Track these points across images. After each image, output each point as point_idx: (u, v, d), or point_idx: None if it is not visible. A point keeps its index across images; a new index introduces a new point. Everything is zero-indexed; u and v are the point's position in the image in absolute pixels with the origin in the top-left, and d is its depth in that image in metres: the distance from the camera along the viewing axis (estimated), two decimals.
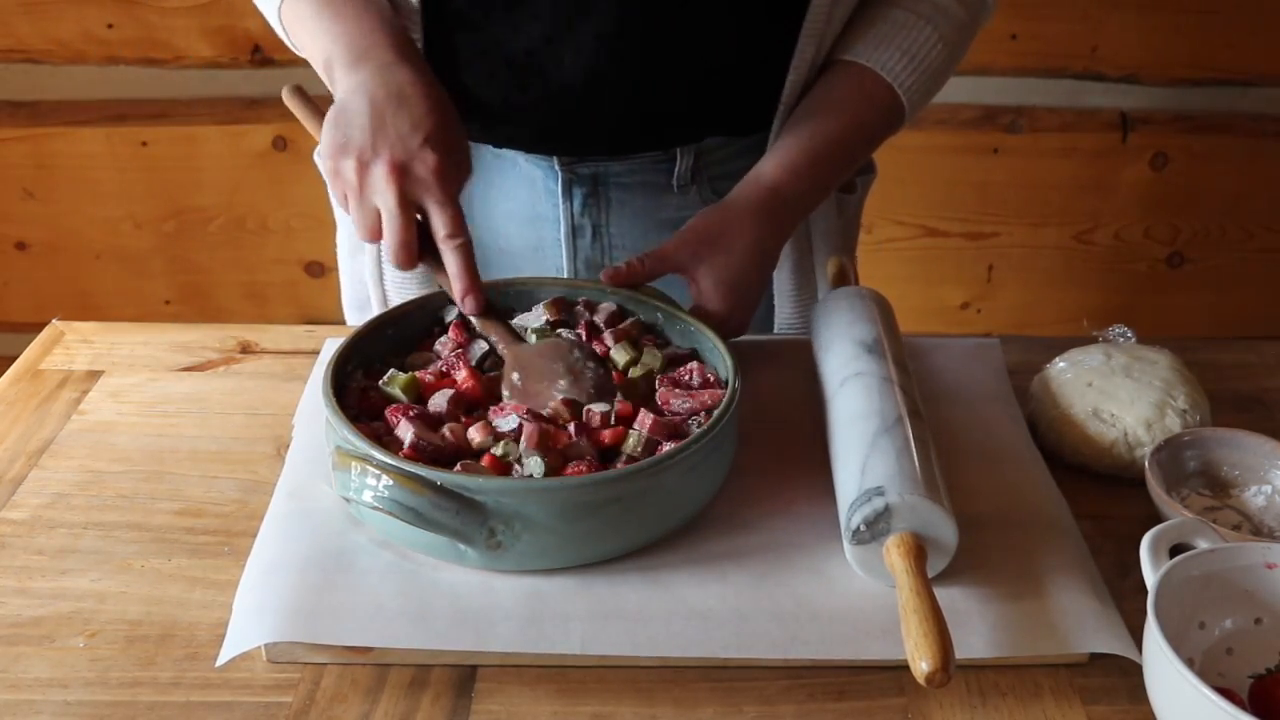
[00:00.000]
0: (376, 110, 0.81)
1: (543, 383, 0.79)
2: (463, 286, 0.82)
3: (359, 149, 0.81)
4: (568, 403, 0.78)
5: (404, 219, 0.81)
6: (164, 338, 1.03)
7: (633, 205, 1.05)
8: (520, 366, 0.81)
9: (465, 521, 0.70)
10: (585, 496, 0.72)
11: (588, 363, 0.81)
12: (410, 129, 0.81)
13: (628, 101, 0.98)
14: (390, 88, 0.82)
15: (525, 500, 0.71)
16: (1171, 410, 0.85)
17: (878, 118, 0.98)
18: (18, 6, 1.91)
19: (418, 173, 0.80)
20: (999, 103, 1.99)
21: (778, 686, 0.69)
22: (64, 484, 0.85)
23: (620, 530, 0.74)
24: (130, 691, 0.68)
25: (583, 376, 0.79)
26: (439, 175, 0.81)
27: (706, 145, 1.03)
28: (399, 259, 0.82)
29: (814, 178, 0.95)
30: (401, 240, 0.81)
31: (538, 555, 0.73)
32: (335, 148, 0.81)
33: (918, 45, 0.96)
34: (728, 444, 0.79)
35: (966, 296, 2.19)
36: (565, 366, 0.80)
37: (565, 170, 1.03)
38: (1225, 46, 1.95)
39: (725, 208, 0.92)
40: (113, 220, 2.09)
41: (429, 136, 0.81)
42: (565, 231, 1.06)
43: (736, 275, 0.90)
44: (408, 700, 0.68)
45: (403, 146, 0.80)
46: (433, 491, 0.70)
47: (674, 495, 0.75)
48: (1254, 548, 0.69)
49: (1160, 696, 0.63)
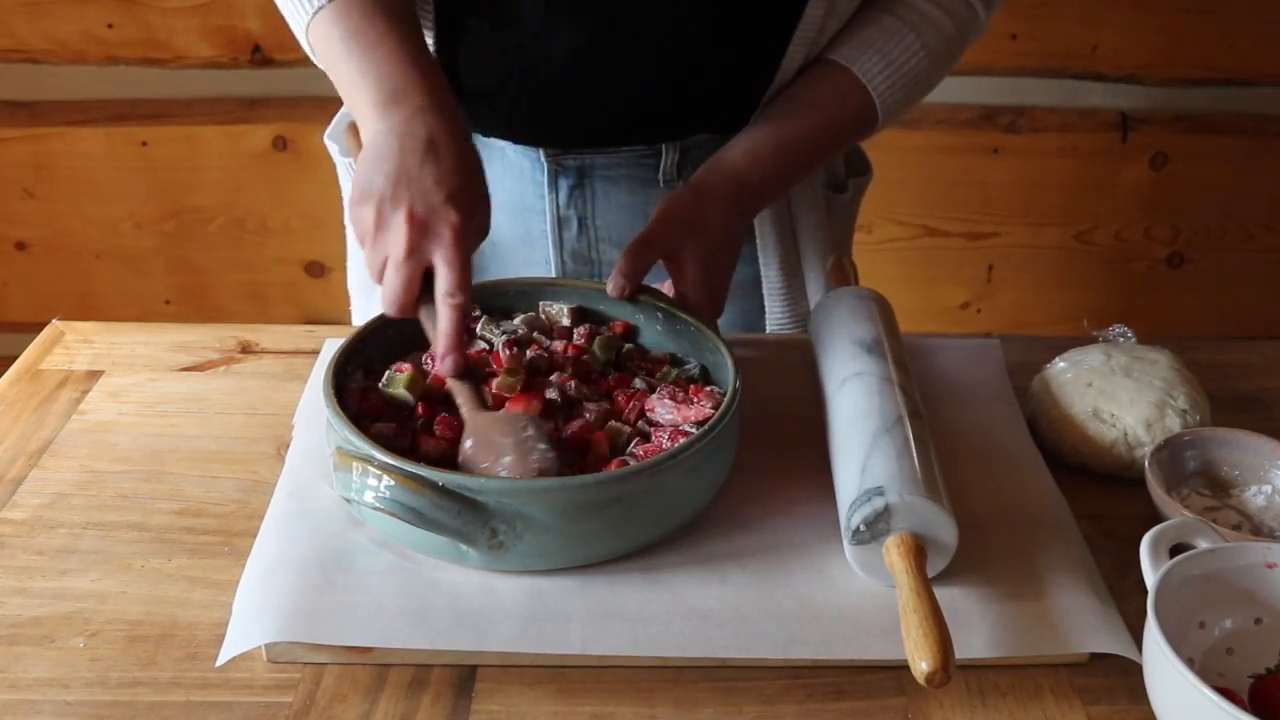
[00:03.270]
0: (404, 159, 0.79)
1: (490, 456, 0.76)
2: (446, 346, 0.80)
3: (379, 196, 0.79)
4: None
5: (407, 274, 0.79)
6: (164, 338, 1.03)
7: (618, 198, 1.06)
8: (475, 434, 0.78)
9: (467, 522, 0.70)
10: (587, 496, 0.72)
11: (537, 444, 0.76)
12: (434, 183, 0.79)
13: (614, 97, 0.99)
14: (419, 136, 0.80)
15: (527, 501, 0.71)
16: (1171, 410, 0.85)
17: (849, 121, 0.99)
18: (18, 6, 1.91)
19: (436, 229, 0.79)
20: (999, 103, 1.99)
21: (778, 686, 0.69)
22: (64, 484, 0.85)
23: (621, 530, 0.74)
24: (130, 691, 0.68)
25: (527, 456, 0.75)
26: (456, 234, 0.79)
27: (693, 141, 1.04)
28: (390, 308, 0.81)
29: (778, 171, 0.96)
30: (395, 291, 0.80)
31: (539, 555, 0.73)
32: (359, 192, 0.81)
33: (898, 52, 0.96)
34: (729, 444, 0.80)
35: (966, 296, 2.19)
36: (513, 443, 0.76)
37: (551, 162, 1.03)
38: (1225, 46, 1.95)
39: (697, 190, 0.93)
40: (113, 220, 2.09)
41: (453, 194, 0.79)
42: (551, 223, 1.06)
43: (713, 258, 0.90)
44: (408, 700, 0.68)
45: (424, 201, 0.79)
46: (434, 492, 0.70)
47: (675, 495, 0.75)
48: (1254, 548, 0.69)
49: (1160, 696, 0.63)
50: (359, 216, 0.81)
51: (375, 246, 0.80)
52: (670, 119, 1.02)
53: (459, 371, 0.80)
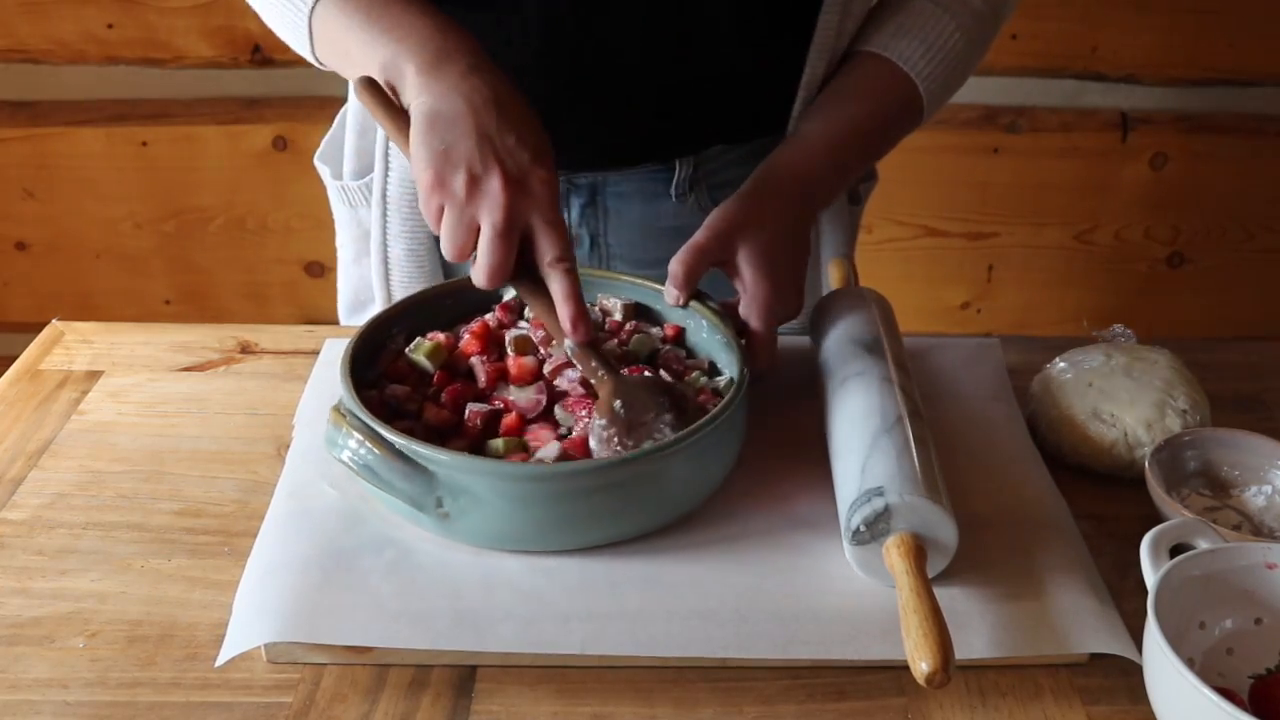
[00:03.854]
0: (479, 118, 0.75)
1: (648, 414, 0.76)
2: (572, 313, 0.77)
3: (468, 160, 0.75)
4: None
5: (510, 240, 0.76)
6: (164, 338, 1.03)
7: (630, 214, 1.05)
8: (624, 396, 0.77)
9: (416, 487, 0.72)
10: (526, 484, 0.72)
11: (686, 397, 0.78)
12: (517, 143, 0.75)
13: (627, 115, 0.98)
14: (485, 94, 0.76)
15: (467, 475, 0.72)
16: (1171, 410, 0.85)
17: (895, 106, 0.96)
18: (18, 6, 1.91)
19: (532, 189, 0.76)
20: (999, 103, 2.00)
21: (778, 686, 0.69)
22: (64, 484, 0.85)
23: (575, 524, 0.73)
24: (130, 691, 0.68)
25: (686, 411, 0.76)
26: (552, 193, 0.76)
27: (706, 154, 1.03)
28: (492, 281, 0.77)
29: (834, 163, 0.93)
30: (500, 261, 0.76)
31: (486, 534, 0.74)
32: (437, 156, 0.76)
33: (934, 35, 0.95)
34: (704, 453, 0.77)
35: (966, 296, 2.19)
36: (671, 400, 0.76)
37: (563, 180, 1.02)
38: (1225, 46, 1.95)
39: (745, 196, 0.89)
40: (113, 220, 2.09)
41: (537, 152, 0.76)
42: None
43: (772, 253, 0.86)
44: (408, 700, 0.68)
45: (514, 161, 0.75)
46: (389, 453, 0.72)
47: (638, 499, 0.74)
48: (1254, 548, 0.69)
49: (1160, 696, 0.63)
50: (446, 180, 0.76)
51: (463, 214, 0.76)
52: (686, 135, 1.01)
53: (590, 337, 0.79)
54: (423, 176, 0.77)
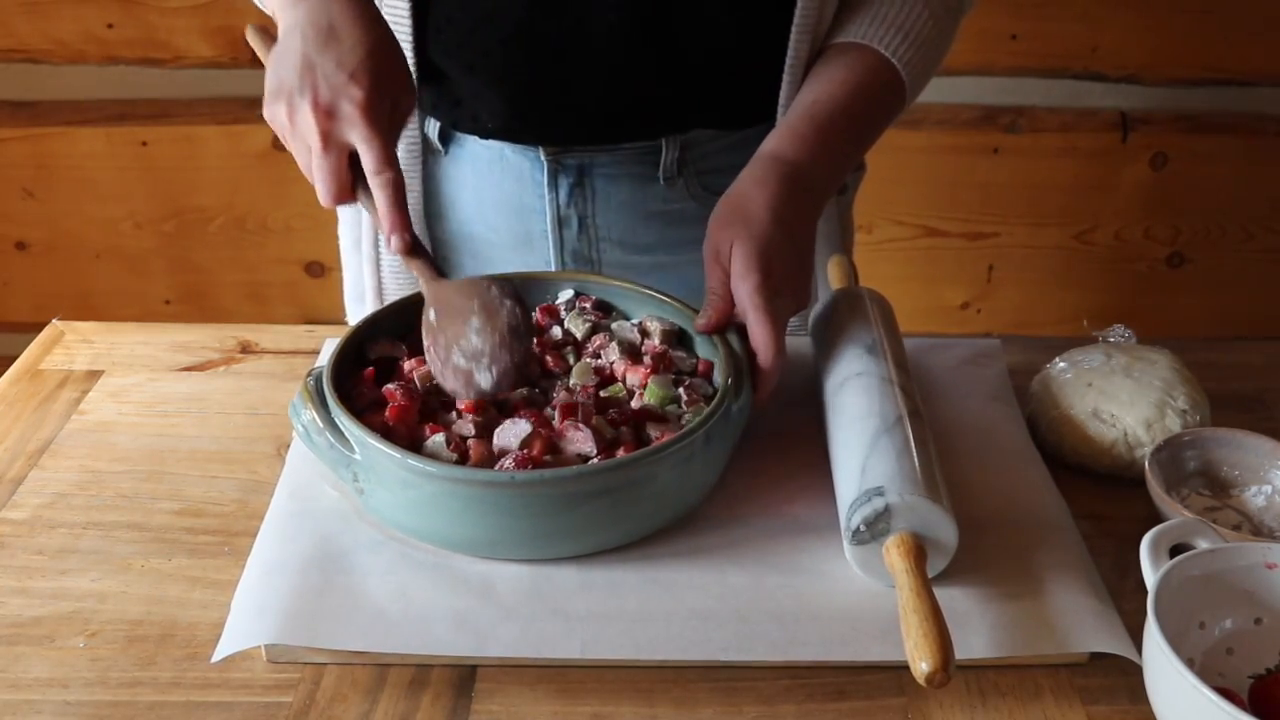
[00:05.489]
0: (306, 48, 0.79)
1: (456, 321, 0.77)
2: (389, 224, 0.80)
3: (289, 91, 0.79)
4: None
5: (331, 162, 0.80)
6: (164, 338, 1.03)
7: (619, 197, 1.05)
8: (437, 303, 0.79)
9: (335, 457, 0.74)
10: (405, 472, 0.72)
11: (504, 300, 0.78)
12: (335, 65, 0.79)
13: (612, 85, 0.98)
14: (321, 23, 0.80)
15: (366, 451, 0.73)
16: (1171, 410, 0.85)
17: (878, 88, 0.96)
18: (18, 6, 1.91)
19: (343, 110, 0.78)
20: (999, 103, 1.99)
21: (778, 687, 0.69)
22: (64, 484, 0.85)
23: (480, 526, 0.73)
24: (130, 691, 0.68)
25: (496, 314, 0.76)
26: (365, 110, 0.78)
27: (694, 137, 1.03)
28: (328, 199, 0.81)
29: (823, 146, 0.92)
30: (326, 185, 0.80)
31: (393, 517, 0.75)
32: (270, 93, 0.81)
33: (905, 17, 0.96)
34: (675, 471, 0.75)
35: (966, 296, 2.19)
36: (480, 304, 0.77)
37: (551, 160, 1.03)
38: (1225, 46, 1.95)
39: (732, 191, 0.89)
40: (113, 220, 2.09)
41: (354, 72, 0.79)
42: (551, 222, 1.06)
43: (762, 243, 0.84)
44: (408, 700, 0.68)
45: (327, 85, 0.78)
46: (320, 413, 0.75)
47: (533, 507, 0.72)
48: (1254, 548, 0.69)
49: (1160, 696, 0.63)
50: (273, 115, 0.81)
51: (294, 142, 0.81)
52: (670, 110, 1.01)
53: (408, 248, 0.81)
54: (265, 113, 0.82)
